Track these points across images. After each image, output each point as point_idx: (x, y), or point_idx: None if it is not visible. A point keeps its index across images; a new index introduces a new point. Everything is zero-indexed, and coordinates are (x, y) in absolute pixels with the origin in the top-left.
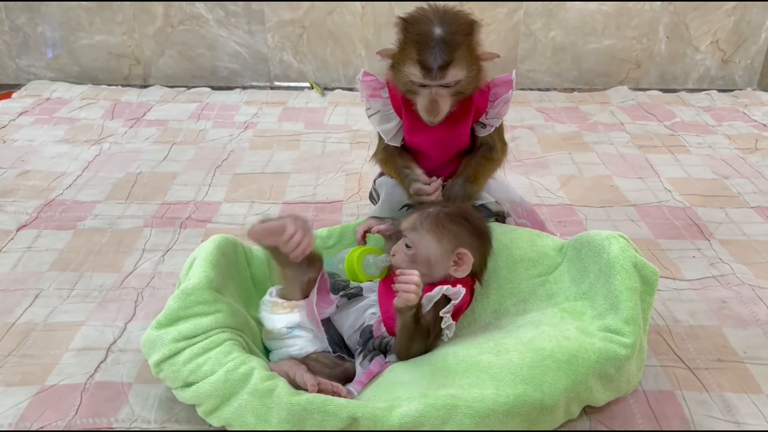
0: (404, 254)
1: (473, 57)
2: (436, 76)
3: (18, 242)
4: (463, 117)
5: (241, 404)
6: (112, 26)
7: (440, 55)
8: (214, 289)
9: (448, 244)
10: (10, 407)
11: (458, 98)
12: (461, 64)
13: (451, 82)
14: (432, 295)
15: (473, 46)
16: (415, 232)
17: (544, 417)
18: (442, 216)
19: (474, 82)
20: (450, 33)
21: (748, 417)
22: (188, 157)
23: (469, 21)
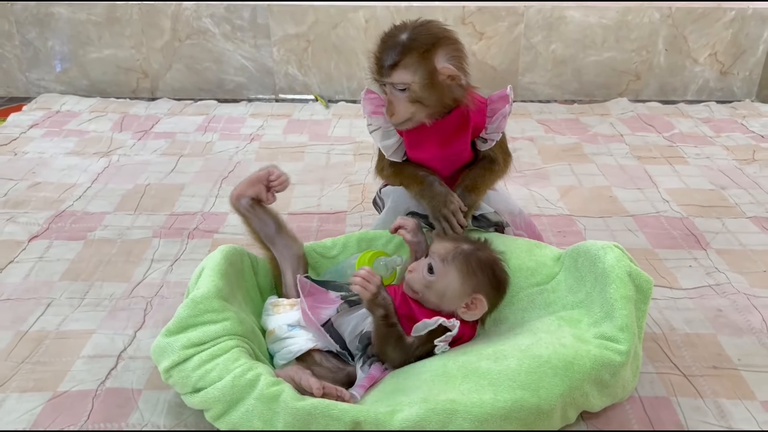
0: (423, 277)
1: (428, 67)
2: (384, 74)
3: (30, 252)
4: (460, 133)
5: (248, 409)
6: (120, 40)
7: (391, 55)
8: (222, 298)
9: (469, 287)
10: (24, 413)
11: (421, 107)
12: (410, 69)
13: (398, 82)
14: (429, 323)
15: (430, 58)
16: (445, 264)
17: (541, 422)
18: (473, 258)
19: (433, 92)
20: (407, 39)
21: (741, 423)
22: (195, 168)
23: (435, 35)
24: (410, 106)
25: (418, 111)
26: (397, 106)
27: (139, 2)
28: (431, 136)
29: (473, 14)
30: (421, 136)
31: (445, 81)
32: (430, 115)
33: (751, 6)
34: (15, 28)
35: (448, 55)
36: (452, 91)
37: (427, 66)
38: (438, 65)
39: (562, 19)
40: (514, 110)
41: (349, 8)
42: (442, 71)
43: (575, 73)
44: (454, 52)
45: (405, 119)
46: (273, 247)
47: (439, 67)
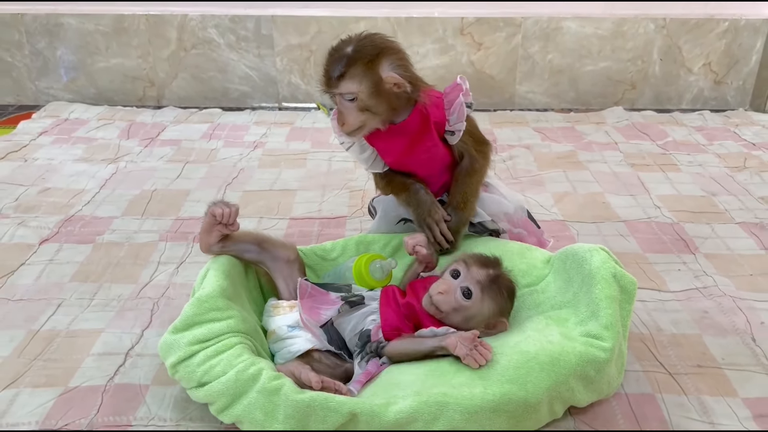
0: (455, 300)
1: (373, 76)
2: (332, 85)
3: (41, 255)
4: (423, 132)
5: (251, 402)
6: (127, 50)
7: (338, 66)
8: (226, 298)
9: (498, 312)
10: (37, 406)
11: (371, 115)
12: (356, 79)
13: (345, 92)
14: (438, 332)
15: (374, 68)
16: (482, 291)
17: (528, 414)
18: (503, 285)
19: (380, 100)
20: (352, 51)
21: (723, 418)
22: (200, 175)
23: (378, 46)
24: (360, 114)
25: (368, 119)
26: (347, 116)
27: (146, 13)
28: (397, 140)
29: (472, 25)
30: (389, 143)
31: (391, 89)
32: (382, 121)
33: (743, 17)
34: (25, 38)
35: (392, 64)
36: (400, 97)
37: (372, 75)
38: (383, 74)
39: (558, 29)
40: (512, 118)
41: (350, 20)
42: (387, 80)
43: (572, 82)
44: (397, 60)
45: (356, 127)
46: (262, 264)
47: (384, 75)
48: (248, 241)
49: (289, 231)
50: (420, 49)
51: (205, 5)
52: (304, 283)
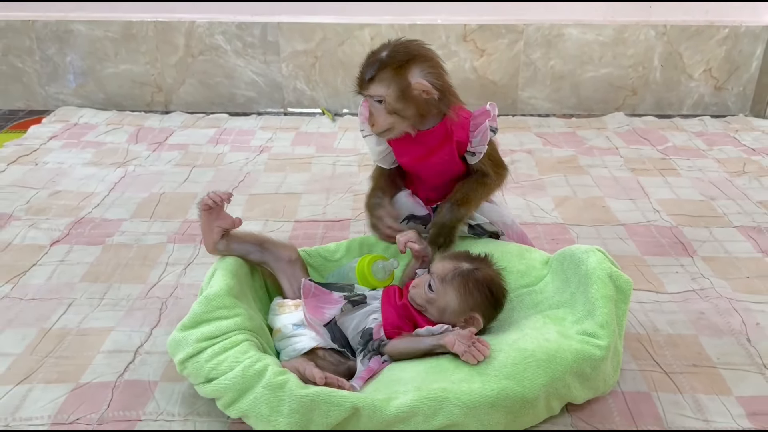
0: (425, 294)
1: (402, 81)
2: (363, 87)
3: (52, 256)
4: (442, 145)
5: (257, 397)
6: (136, 56)
7: (369, 70)
8: (233, 296)
9: (467, 306)
10: (50, 401)
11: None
12: (384, 83)
13: (373, 95)
14: (434, 330)
15: (404, 73)
16: (444, 284)
17: (526, 410)
18: (471, 279)
19: (409, 104)
20: (385, 56)
21: (716, 415)
22: (207, 178)
23: (411, 53)
24: (388, 117)
25: (397, 122)
26: (377, 116)
27: (154, 20)
28: (415, 146)
29: (474, 32)
30: (406, 146)
31: (420, 95)
32: (412, 126)
33: (744, 24)
34: (36, 44)
35: (423, 71)
36: (429, 104)
37: (400, 80)
38: (411, 80)
39: (560, 36)
40: (514, 123)
41: (355, 26)
42: (415, 86)
43: (573, 88)
44: (429, 68)
45: (385, 129)
46: (266, 264)
47: (413, 81)
48: (250, 242)
49: (294, 233)
50: None
51: (212, 12)
52: (308, 283)
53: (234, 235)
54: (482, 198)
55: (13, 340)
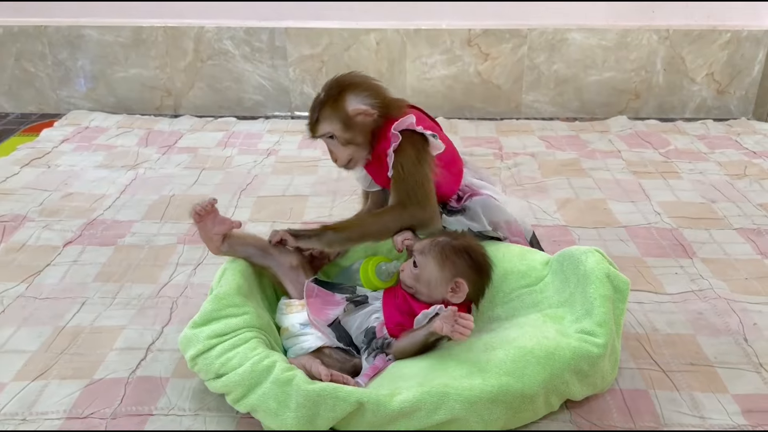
0: (410, 272)
1: (340, 113)
2: (312, 131)
3: (65, 256)
4: (378, 159)
5: (265, 392)
6: (146, 61)
7: (312, 115)
8: (242, 295)
9: (449, 272)
10: (65, 396)
11: (355, 147)
12: (327, 120)
13: (324, 133)
14: (428, 312)
15: (341, 105)
16: (423, 256)
17: (525, 406)
18: (448, 247)
19: (356, 131)
20: (321, 97)
21: (713, 413)
22: (216, 181)
23: (341, 85)
24: (345, 149)
25: (354, 151)
26: (335, 152)
27: (164, 25)
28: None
29: (479, 36)
30: (374, 169)
31: (363, 119)
32: (369, 151)
33: (745, 28)
34: (48, 49)
35: (357, 96)
36: (375, 123)
37: (340, 112)
38: (349, 108)
39: (563, 41)
40: (518, 127)
41: (361, 31)
42: (352, 112)
43: (577, 92)
44: (362, 92)
45: (347, 161)
46: (268, 268)
47: (350, 109)
48: (252, 245)
49: None
50: (428, 60)
51: (221, 18)
52: (311, 285)
53: (236, 237)
54: (367, 228)
55: (29, 338)
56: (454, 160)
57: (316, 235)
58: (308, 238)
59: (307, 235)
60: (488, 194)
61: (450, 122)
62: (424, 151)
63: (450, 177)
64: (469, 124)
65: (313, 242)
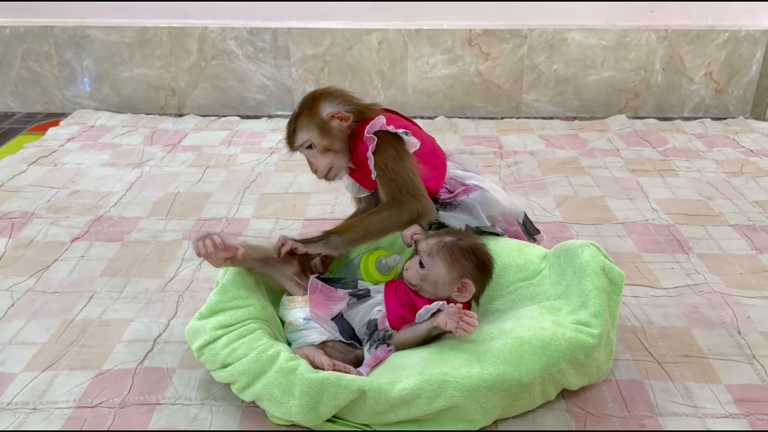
0: (416, 271)
1: (317, 120)
2: (291, 143)
3: (72, 252)
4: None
5: (270, 381)
6: (150, 61)
7: (288, 128)
8: (247, 287)
9: (456, 273)
10: (74, 386)
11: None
12: (304, 129)
13: (302, 143)
14: (430, 308)
15: (316, 112)
16: (431, 257)
17: (522, 394)
18: (456, 248)
19: (333, 137)
20: (295, 111)
21: (706, 402)
22: (220, 179)
23: (314, 95)
24: (324, 157)
25: (334, 159)
26: (315, 163)
27: (168, 26)
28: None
29: (479, 36)
30: (357, 176)
31: (339, 124)
32: (348, 158)
33: (743, 28)
34: (54, 49)
35: (331, 103)
36: (350, 128)
37: (316, 119)
38: (324, 114)
39: (563, 40)
40: (517, 125)
41: (363, 31)
42: (328, 117)
43: (576, 91)
44: (335, 98)
45: (327, 170)
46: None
47: (325, 114)
48: (254, 259)
49: (304, 231)
50: (430, 60)
51: (224, 18)
52: (315, 281)
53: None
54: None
55: (39, 330)
56: (435, 154)
57: (321, 240)
58: (314, 243)
59: (312, 241)
60: (475, 184)
61: (451, 121)
62: (401, 149)
63: (433, 171)
64: (469, 123)
65: (319, 247)
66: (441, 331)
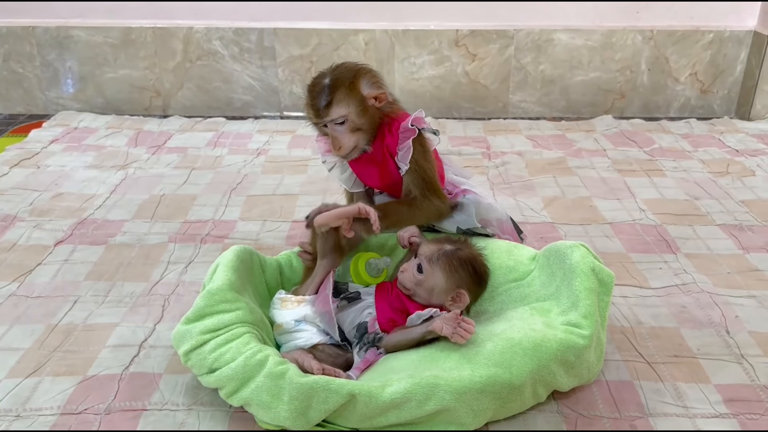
0: (413, 275)
1: (357, 96)
2: (322, 114)
3: (56, 255)
4: (381, 154)
5: (258, 385)
6: (135, 61)
7: (322, 97)
8: (234, 290)
9: (453, 282)
10: (59, 393)
11: (362, 134)
12: (342, 103)
13: (336, 117)
14: (423, 314)
15: (356, 88)
16: (430, 264)
17: (513, 396)
18: (455, 258)
19: (367, 117)
20: (331, 80)
21: (695, 402)
22: (206, 180)
23: (352, 69)
24: (352, 135)
25: (359, 138)
26: (341, 139)
27: (152, 26)
28: (370, 168)
29: (466, 37)
30: (364, 169)
31: (374, 104)
32: (370, 140)
33: (728, 29)
34: (36, 50)
35: (368, 81)
36: (381, 110)
37: (355, 95)
38: (364, 92)
39: (549, 41)
40: (505, 126)
41: (349, 32)
42: (369, 95)
43: (563, 91)
44: (372, 78)
45: (351, 149)
46: (321, 260)
47: (365, 93)
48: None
49: (292, 233)
50: (417, 60)
51: (210, 18)
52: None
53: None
54: (407, 218)
55: (22, 336)
56: (436, 156)
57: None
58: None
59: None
60: (466, 189)
61: (438, 122)
62: (427, 147)
63: (440, 170)
64: (457, 123)
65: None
66: (434, 336)
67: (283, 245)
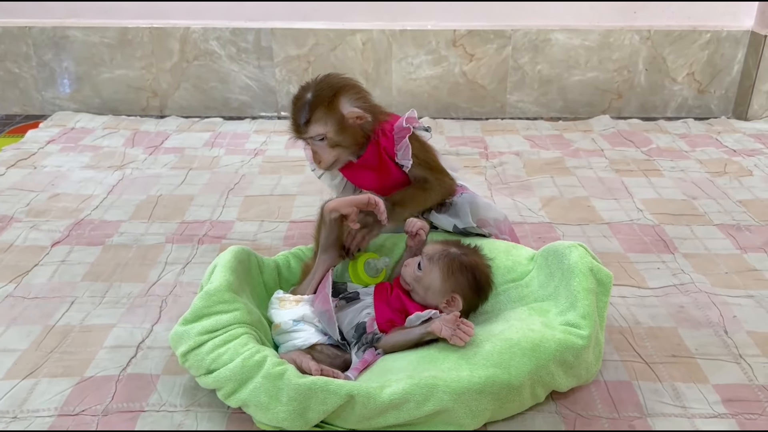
0: (413, 271)
1: (336, 115)
2: (300, 131)
3: (53, 256)
4: (378, 158)
5: (256, 386)
6: (131, 61)
7: (302, 114)
8: (232, 291)
9: (449, 285)
10: (56, 394)
11: (342, 149)
12: (320, 121)
13: (315, 135)
14: (422, 315)
15: (335, 107)
16: (431, 262)
17: (512, 397)
18: (456, 262)
19: (347, 134)
20: (312, 96)
21: (693, 402)
22: (204, 181)
23: (335, 86)
24: (332, 151)
25: (340, 153)
26: (321, 154)
27: (149, 26)
28: (365, 173)
29: (464, 37)
30: (356, 173)
31: (355, 122)
32: (353, 153)
33: (725, 29)
34: (32, 50)
35: (350, 99)
36: (364, 128)
37: (334, 114)
38: (344, 111)
39: (547, 41)
40: (503, 126)
41: (347, 32)
42: (349, 115)
43: (560, 91)
44: (355, 95)
45: (331, 163)
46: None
47: (346, 112)
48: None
49: (289, 233)
50: (414, 60)
51: (207, 18)
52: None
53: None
54: (423, 202)
55: (18, 337)
56: None
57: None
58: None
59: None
60: (463, 187)
61: (436, 122)
62: (422, 140)
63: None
64: (454, 123)
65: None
66: (433, 337)
67: (280, 246)
